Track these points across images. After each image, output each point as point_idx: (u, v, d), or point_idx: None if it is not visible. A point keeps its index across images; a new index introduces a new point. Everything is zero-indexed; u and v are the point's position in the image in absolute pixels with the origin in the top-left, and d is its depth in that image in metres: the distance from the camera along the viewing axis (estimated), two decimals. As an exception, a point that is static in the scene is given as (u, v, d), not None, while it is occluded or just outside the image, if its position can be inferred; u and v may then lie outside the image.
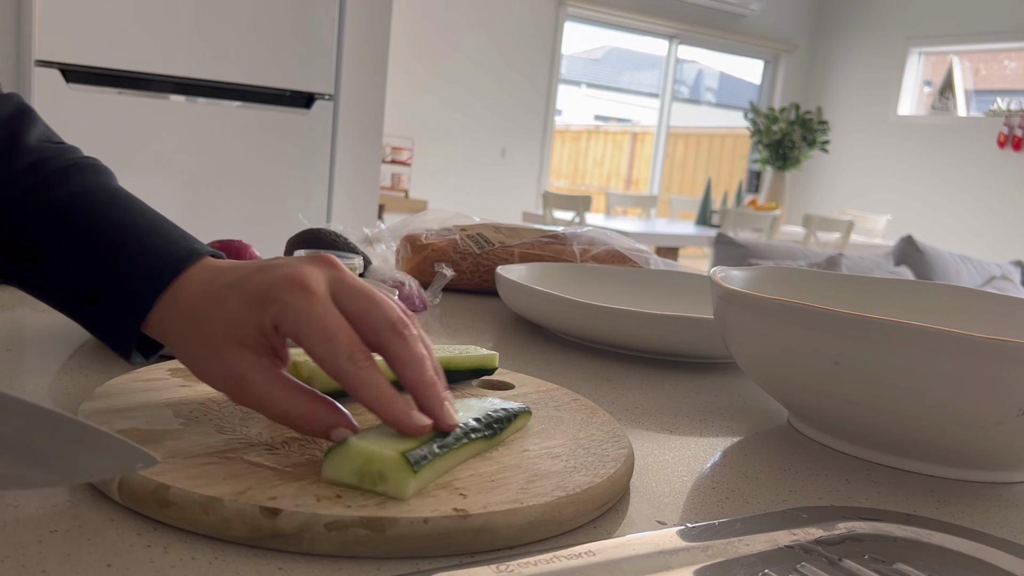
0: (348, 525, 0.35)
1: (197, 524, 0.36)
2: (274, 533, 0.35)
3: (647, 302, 0.93)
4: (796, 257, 3.35)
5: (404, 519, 0.36)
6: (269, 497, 0.36)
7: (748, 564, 0.38)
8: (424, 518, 0.36)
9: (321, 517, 0.35)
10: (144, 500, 0.37)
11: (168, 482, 0.37)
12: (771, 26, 7.14)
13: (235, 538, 0.36)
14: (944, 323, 0.67)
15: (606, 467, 0.44)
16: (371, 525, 0.36)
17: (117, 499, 0.38)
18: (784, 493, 0.48)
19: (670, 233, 4.70)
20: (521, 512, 0.38)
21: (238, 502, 0.36)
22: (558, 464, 0.44)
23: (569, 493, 0.40)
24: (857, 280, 0.75)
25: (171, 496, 0.36)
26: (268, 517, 0.35)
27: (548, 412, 0.53)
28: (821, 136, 5.53)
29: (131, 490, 0.37)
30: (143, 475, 0.37)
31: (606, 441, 0.48)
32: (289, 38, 2.28)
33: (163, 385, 0.50)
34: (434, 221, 1.11)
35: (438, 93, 5.74)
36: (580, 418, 0.52)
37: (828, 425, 0.56)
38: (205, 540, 0.36)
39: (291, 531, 0.35)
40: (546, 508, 0.39)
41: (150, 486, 0.37)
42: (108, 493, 0.38)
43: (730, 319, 0.59)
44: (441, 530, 0.36)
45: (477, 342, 0.80)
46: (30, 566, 0.32)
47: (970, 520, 0.47)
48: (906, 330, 0.47)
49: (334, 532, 0.35)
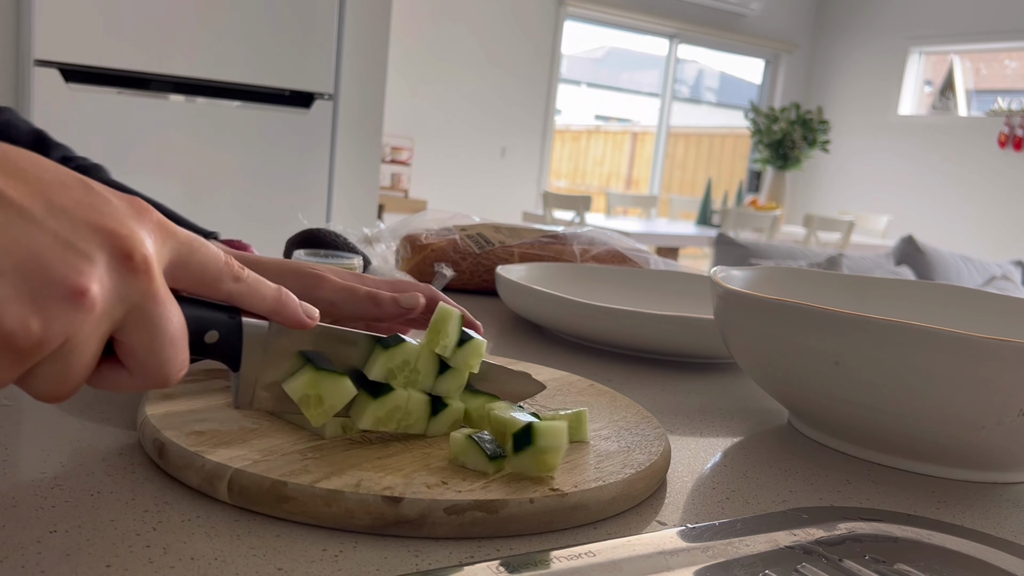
0: (465, 508, 0.38)
1: (319, 517, 0.38)
2: (397, 520, 0.38)
3: (647, 302, 0.93)
4: (796, 257, 3.35)
5: (513, 500, 0.39)
6: (384, 487, 0.38)
7: (748, 564, 0.38)
8: (530, 498, 0.39)
9: (440, 503, 0.38)
10: (259, 497, 0.38)
11: (282, 477, 0.38)
12: (771, 26, 7.14)
13: (358, 527, 0.38)
14: (944, 323, 0.67)
15: (654, 445, 0.48)
16: (485, 507, 0.38)
17: (225, 498, 0.39)
18: (784, 493, 0.48)
19: (670, 233, 4.69)
20: (605, 489, 0.42)
21: (359, 493, 0.38)
22: (612, 444, 0.48)
23: (637, 470, 0.44)
24: (857, 280, 0.75)
25: (289, 491, 0.38)
26: (391, 505, 0.38)
27: (574, 398, 0.56)
28: (822, 136, 5.52)
29: (243, 488, 0.38)
30: (254, 472, 0.38)
31: (640, 422, 0.52)
32: (289, 38, 2.28)
33: (208, 387, 0.50)
34: (434, 221, 1.11)
35: (438, 93, 5.74)
36: (605, 401, 0.56)
37: (828, 425, 0.56)
38: (205, 540, 0.36)
39: (414, 517, 0.38)
40: (624, 485, 0.43)
41: (265, 483, 0.38)
42: (213, 493, 0.39)
43: (730, 319, 0.59)
44: (544, 509, 0.39)
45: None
46: (30, 566, 0.32)
47: (970, 520, 0.47)
48: (906, 330, 0.47)
49: (453, 516, 0.38)
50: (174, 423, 0.44)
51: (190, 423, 0.44)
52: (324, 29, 2.33)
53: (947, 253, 3.67)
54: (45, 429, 0.46)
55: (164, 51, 2.15)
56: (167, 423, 0.44)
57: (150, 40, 2.13)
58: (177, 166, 2.22)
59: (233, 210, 2.30)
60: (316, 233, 0.92)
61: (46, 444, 0.44)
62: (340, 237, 0.93)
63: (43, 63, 2.03)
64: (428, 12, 5.58)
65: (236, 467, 0.39)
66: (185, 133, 2.21)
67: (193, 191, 2.25)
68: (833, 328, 0.50)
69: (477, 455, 0.42)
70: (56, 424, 0.47)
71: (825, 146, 5.60)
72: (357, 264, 0.87)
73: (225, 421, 0.45)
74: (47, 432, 0.46)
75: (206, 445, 0.41)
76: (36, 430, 0.46)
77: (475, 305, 0.97)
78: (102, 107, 2.11)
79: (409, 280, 0.64)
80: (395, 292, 0.56)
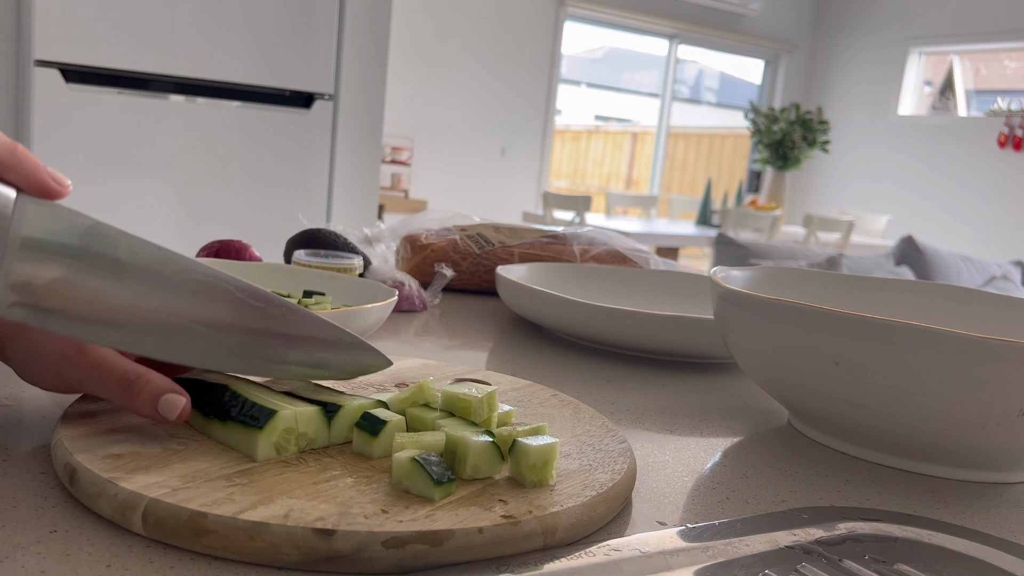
0: (406, 541, 0.35)
1: (241, 552, 0.34)
2: (329, 555, 0.34)
3: (647, 302, 0.93)
4: (796, 257, 3.35)
5: (460, 531, 0.35)
6: (315, 518, 0.35)
7: (748, 564, 0.38)
8: (479, 528, 0.36)
9: (377, 535, 0.34)
10: (176, 530, 0.35)
11: (202, 508, 0.35)
12: (771, 26, 7.14)
13: (285, 563, 0.34)
14: (944, 323, 0.67)
15: (618, 462, 0.45)
16: (428, 539, 0.35)
17: (140, 531, 0.35)
18: (784, 493, 0.48)
19: (670, 233, 4.69)
20: (563, 515, 0.38)
21: (286, 525, 0.34)
22: (573, 463, 0.44)
23: (598, 492, 0.41)
24: (857, 280, 0.75)
25: (209, 524, 0.34)
26: (322, 539, 0.34)
27: (535, 410, 0.53)
28: (821, 136, 5.52)
29: (158, 520, 0.35)
30: (171, 502, 0.35)
31: (604, 436, 0.49)
32: (289, 38, 2.28)
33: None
34: (434, 221, 1.11)
35: (438, 93, 5.74)
36: (568, 414, 0.52)
37: (828, 425, 0.56)
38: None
39: (348, 552, 0.34)
40: (584, 508, 0.39)
41: (183, 515, 0.34)
42: (127, 525, 0.36)
43: (730, 319, 0.59)
44: (495, 539, 0.36)
45: (477, 342, 0.80)
46: (30, 566, 0.32)
47: (970, 520, 0.47)
48: (906, 330, 0.47)
49: (392, 549, 0.34)
50: (90, 444, 0.40)
51: (108, 445, 0.40)
52: (324, 29, 2.33)
53: (947, 253, 3.67)
54: (45, 429, 0.46)
55: (164, 51, 2.15)
56: (82, 445, 0.40)
57: (150, 40, 2.13)
58: (177, 166, 2.22)
59: (233, 210, 2.30)
60: (316, 233, 0.92)
61: (46, 444, 0.44)
62: (340, 237, 0.93)
63: (43, 63, 2.03)
64: (428, 12, 5.58)
65: (152, 496, 0.35)
66: (185, 133, 2.21)
67: (193, 191, 2.25)
68: (833, 328, 0.50)
69: (422, 479, 0.38)
70: (56, 424, 0.47)
71: (825, 146, 5.60)
72: (357, 264, 0.87)
73: (146, 442, 0.41)
74: (47, 432, 0.46)
75: (122, 471, 0.38)
76: (36, 430, 0.46)
77: (475, 305, 0.97)
78: (102, 107, 2.11)
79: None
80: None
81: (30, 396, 0.52)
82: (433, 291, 0.93)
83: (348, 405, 0.44)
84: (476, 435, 0.41)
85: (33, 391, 0.52)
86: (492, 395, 0.47)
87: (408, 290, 0.89)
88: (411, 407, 0.47)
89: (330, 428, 0.43)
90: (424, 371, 0.60)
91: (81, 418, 0.44)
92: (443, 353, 0.75)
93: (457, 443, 0.41)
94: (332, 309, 0.70)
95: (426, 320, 0.88)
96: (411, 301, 0.89)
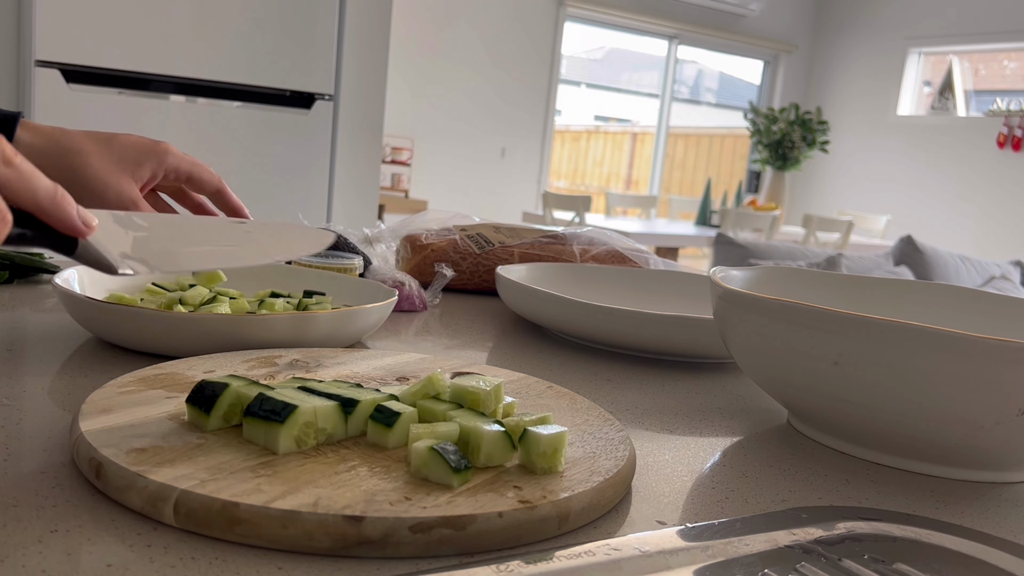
0: (432, 525, 0.36)
1: (274, 539, 0.35)
2: (359, 540, 0.35)
3: (647, 302, 0.93)
4: (796, 257, 3.35)
5: (481, 515, 0.37)
6: (344, 506, 0.36)
7: (748, 564, 0.38)
8: (499, 512, 0.37)
9: (404, 521, 0.36)
10: (208, 520, 0.35)
11: (233, 498, 0.36)
12: (771, 26, 7.14)
13: (316, 550, 0.35)
14: (944, 323, 0.67)
15: (619, 450, 0.46)
16: (453, 524, 0.36)
17: (171, 522, 0.36)
18: (784, 493, 0.48)
19: (670, 233, 4.69)
20: (575, 499, 0.40)
21: (317, 513, 0.35)
22: (577, 451, 0.46)
23: (605, 477, 0.42)
24: (857, 280, 0.75)
25: (241, 513, 0.35)
26: (352, 525, 0.35)
27: (533, 401, 0.54)
28: (821, 136, 5.53)
29: (190, 511, 0.36)
30: (203, 493, 0.36)
31: (603, 425, 0.50)
32: (289, 38, 2.28)
33: (147, 398, 0.48)
34: (434, 221, 1.11)
35: (438, 93, 5.74)
36: (565, 404, 0.54)
37: (827, 425, 0.56)
38: (205, 540, 0.36)
39: (376, 537, 0.35)
40: (594, 493, 0.41)
41: (215, 505, 0.35)
42: (158, 517, 0.36)
43: (730, 319, 0.59)
44: (514, 523, 0.38)
45: (477, 342, 0.80)
46: (30, 566, 0.32)
47: (970, 520, 0.47)
48: (906, 330, 0.47)
49: (418, 534, 0.36)
50: (112, 440, 0.41)
51: (130, 439, 0.41)
52: (324, 29, 2.33)
53: (946, 253, 3.68)
54: (45, 429, 0.46)
55: (165, 52, 2.15)
56: (104, 440, 0.41)
57: (151, 41, 2.13)
58: (177, 166, 2.22)
59: (233, 210, 2.30)
60: (316, 233, 0.92)
61: (46, 444, 0.44)
62: (340, 237, 0.93)
63: (44, 64, 2.03)
64: (428, 12, 5.58)
65: (183, 487, 0.36)
66: (186, 133, 2.21)
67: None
68: (833, 328, 0.50)
69: (441, 467, 0.40)
70: (56, 423, 0.47)
71: (824, 146, 5.60)
72: (358, 264, 0.87)
73: (167, 436, 0.42)
74: (47, 432, 0.46)
75: (148, 464, 0.39)
76: (36, 430, 0.46)
77: (475, 305, 0.98)
78: (103, 108, 2.11)
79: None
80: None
81: (30, 396, 0.52)
82: (433, 291, 0.93)
83: (364, 400, 0.45)
84: (488, 425, 0.43)
85: (33, 391, 0.52)
86: (499, 387, 0.49)
87: (408, 290, 0.89)
88: (422, 399, 0.48)
89: (347, 423, 0.45)
90: (421, 365, 0.61)
91: (99, 415, 0.44)
92: (443, 353, 0.75)
93: (471, 433, 0.43)
94: (332, 309, 0.70)
95: (426, 320, 0.88)
96: (411, 301, 0.89)
